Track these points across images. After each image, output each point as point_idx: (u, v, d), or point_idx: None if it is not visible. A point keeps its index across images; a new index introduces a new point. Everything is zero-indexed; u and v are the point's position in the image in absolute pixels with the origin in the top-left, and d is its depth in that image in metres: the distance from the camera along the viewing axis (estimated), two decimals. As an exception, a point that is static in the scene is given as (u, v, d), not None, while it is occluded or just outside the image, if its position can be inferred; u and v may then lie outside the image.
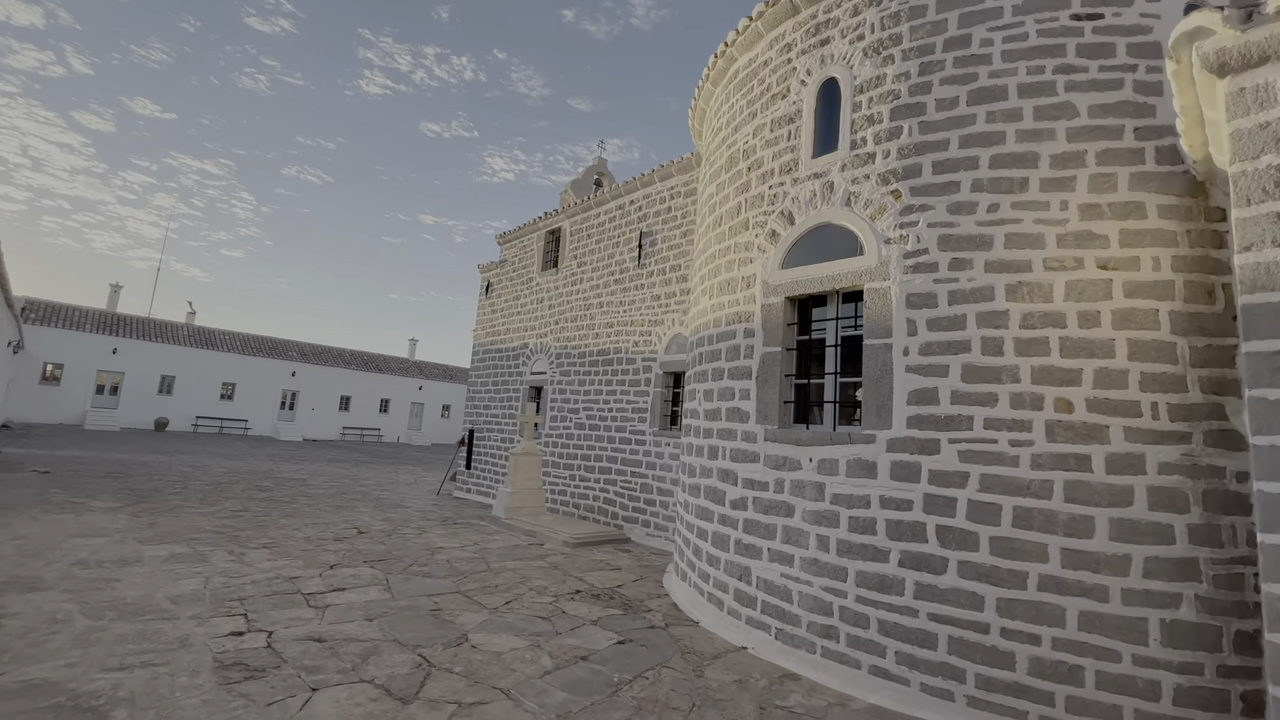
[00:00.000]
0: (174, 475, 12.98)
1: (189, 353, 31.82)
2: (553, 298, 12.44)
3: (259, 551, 6.75)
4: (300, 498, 11.39)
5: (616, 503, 9.85)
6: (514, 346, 13.33)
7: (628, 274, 10.61)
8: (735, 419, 5.48)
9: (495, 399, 13.60)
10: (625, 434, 9.95)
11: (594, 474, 10.42)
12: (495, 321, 14.23)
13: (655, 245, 10.14)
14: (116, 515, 8.19)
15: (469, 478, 13.87)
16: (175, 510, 8.91)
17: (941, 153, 4.43)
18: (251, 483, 12.93)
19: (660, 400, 9.50)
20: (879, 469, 4.32)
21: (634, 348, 10.14)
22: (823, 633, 4.41)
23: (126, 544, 6.62)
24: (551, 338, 12.20)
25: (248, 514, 9.10)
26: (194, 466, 15.10)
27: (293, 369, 35.48)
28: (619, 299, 10.68)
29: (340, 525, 8.80)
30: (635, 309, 10.28)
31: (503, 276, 14.30)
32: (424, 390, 41.82)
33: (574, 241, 12.14)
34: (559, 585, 6.28)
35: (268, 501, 10.49)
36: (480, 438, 13.79)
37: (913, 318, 4.35)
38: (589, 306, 11.37)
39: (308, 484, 13.63)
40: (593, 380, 10.88)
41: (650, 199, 10.46)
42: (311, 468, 17.62)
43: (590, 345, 11.12)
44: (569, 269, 12.12)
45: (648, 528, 9.20)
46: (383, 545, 7.62)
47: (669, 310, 9.64)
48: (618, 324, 10.59)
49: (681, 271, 9.54)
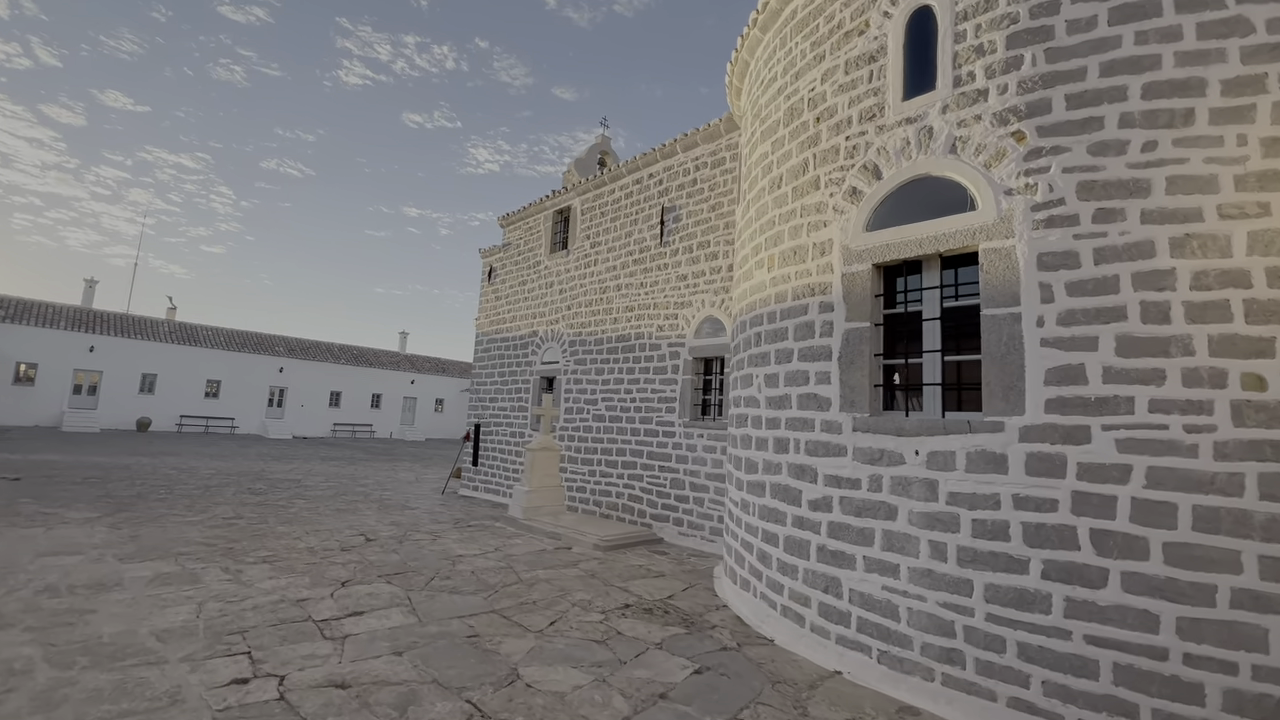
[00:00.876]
0: (158, 479, 12.07)
1: (171, 349, 30.58)
2: (564, 281, 11.63)
3: (258, 567, 5.96)
4: (297, 500, 10.56)
5: (643, 500, 9.14)
6: (522, 335, 12.52)
7: (649, 253, 9.83)
8: (811, 406, 4.76)
9: (503, 391, 12.80)
10: (651, 426, 9.22)
11: (616, 469, 9.69)
12: (500, 309, 13.39)
13: (680, 221, 9.35)
14: (94, 527, 7.34)
15: (475, 475, 13.09)
16: (160, 520, 8.06)
17: (1077, 83, 3.70)
18: (243, 485, 12.06)
19: (690, 388, 8.76)
20: (1010, 462, 3.62)
21: (658, 332, 9.39)
22: (943, 657, 3.73)
23: (104, 563, 5.79)
24: (564, 324, 11.40)
25: (242, 521, 8.27)
26: (180, 469, 14.17)
27: (280, 365, 34.32)
28: (639, 280, 9.90)
29: (345, 532, 8.01)
30: (659, 290, 9.51)
31: (507, 260, 13.44)
32: (416, 384, 40.80)
33: (586, 220, 11.32)
34: (604, 598, 5.56)
35: (262, 506, 9.65)
36: (487, 432, 13.00)
37: (1047, 281, 3.64)
38: (605, 289, 10.58)
39: (303, 485, 12.78)
40: (612, 369, 10.12)
41: (672, 171, 9.66)
42: (305, 467, 16.74)
43: (608, 331, 10.34)
44: (581, 250, 11.31)
45: (680, 526, 8.50)
46: (396, 555, 6.85)
47: (697, 290, 8.88)
48: (639, 307, 9.82)
49: (711, 248, 8.77)
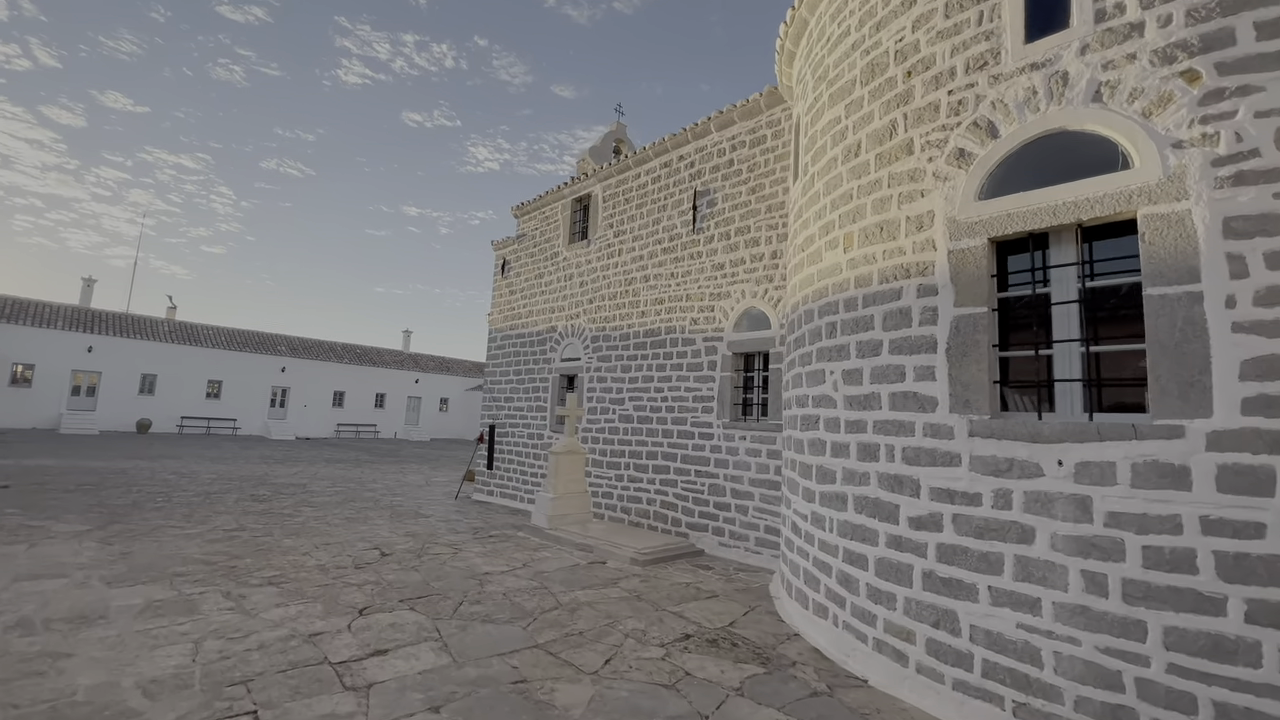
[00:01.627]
0: (156, 485, 11.41)
1: (171, 349, 29.93)
2: (584, 273, 10.93)
3: (264, 591, 5.28)
4: (304, 508, 9.89)
5: (678, 507, 8.45)
6: (539, 331, 11.82)
7: (679, 241, 9.13)
8: (909, 407, 4.07)
9: (519, 390, 12.11)
10: (686, 427, 8.53)
11: (647, 474, 9.01)
12: (515, 303, 12.69)
13: (714, 206, 8.65)
14: (82, 543, 6.67)
15: (490, 479, 12.41)
16: (156, 532, 7.39)
17: (1269, 8, 3.00)
18: (245, 491, 11.39)
19: (730, 386, 8.07)
20: (1193, 476, 2.93)
21: (692, 326, 8.69)
22: (1107, 715, 3.04)
23: (90, 587, 5.12)
24: (585, 319, 10.71)
25: (244, 534, 7.59)
26: (179, 473, 13.50)
27: (282, 364, 33.68)
28: (670, 271, 9.21)
29: (357, 545, 7.33)
30: (692, 281, 8.82)
31: (521, 253, 12.75)
32: (420, 384, 40.16)
33: (609, 208, 10.62)
34: (659, 627, 4.87)
35: (266, 515, 8.98)
36: (503, 434, 12.32)
37: (1239, 252, 2.95)
38: (631, 281, 9.88)
39: (309, 490, 12.11)
40: (641, 366, 9.42)
41: (705, 152, 8.96)
42: (310, 470, 16.08)
43: (635, 325, 9.65)
44: (603, 239, 10.61)
45: (721, 536, 7.82)
46: (417, 573, 6.17)
47: (736, 280, 8.18)
48: (670, 299, 9.12)
49: (751, 234, 8.07)
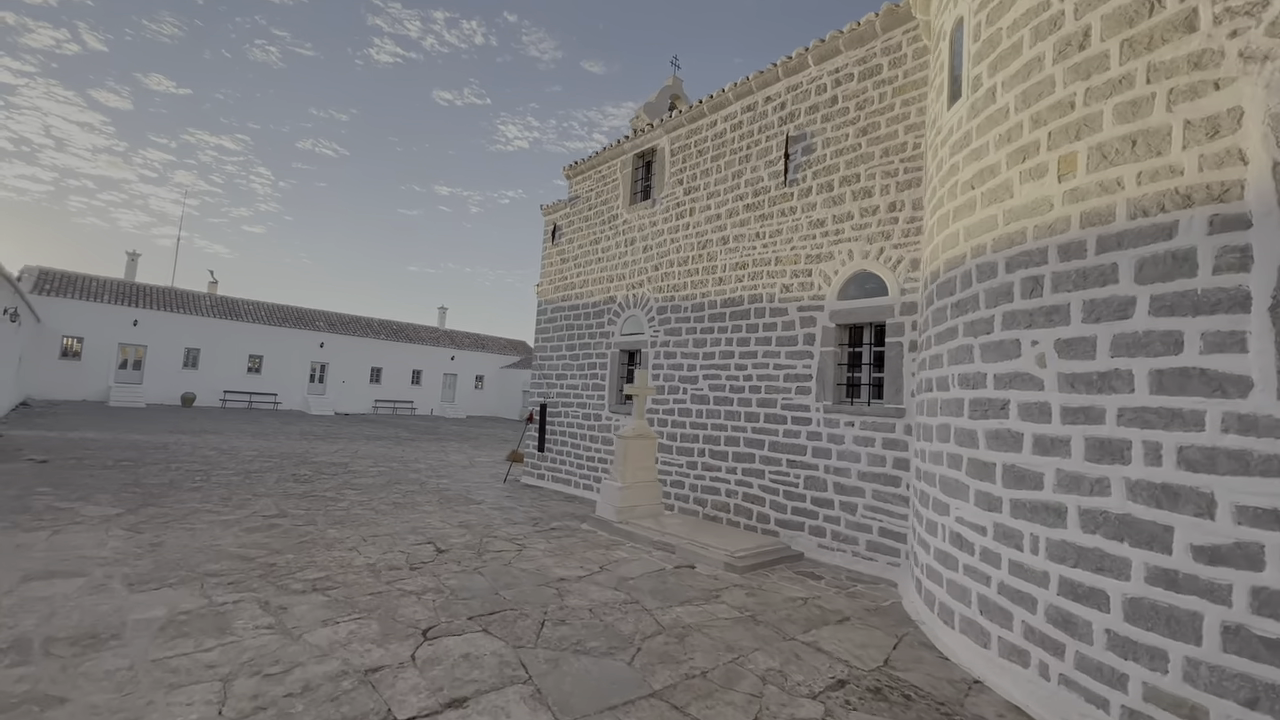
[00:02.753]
0: (196, 462, 10.86)
1: (213, 324, 29.97)
2: (648, 237, 9.80)
3: (307, 601, 4.42)
4: (347, 490, 9.15)
5: (766, 501, 7.39)
6: (595, 301, 10.78)
7: (766, 196, 7.91)
8: (1194, 390, 2.88)
9: (572, 366, 11.14)
10: (775, 410, 7.41)
11: (726, 461, 7.95)
12: (567, 272, 11.66)
13: (812, 153, 7.39)
14: (109, 530, 5.95)
15: (541, 461, 11.54)
16: (191, 517, 6.67)
17: None
18: (286, 470, 10.76)
19: (832, 363, 6.90)
20: None
21: (784, 294, 7.52)
22: None
23: (108, 591, 4.33)
24: (650, 287, 9.61)
25: (285, 521, 6.83)
26: (220, 450, 13.02)
27: (321, 340, 33.58)
28: (754, 230, 8.01)
29: (409, 538, 6.48)
30: (783, 242, 7.61)
31: (574, 217, 11.67)
32: (456, 360, 39.81)
33: (678, 162, 9.42)
34: (798, 666, 3.83)
35: (308, 499, 8.24)
36: (554, 414, 11.40)
37: None
38: (705, 244, 8.72)
39: (351, 470, 11.44)
40: (718, 340, 8.31)
41: (800, 91, 7.67)
42: (350, 448, 15.53)
43: (711, 294, 8.51)
44: (672, 198, 9.44)
45: (821, 537, 6.73)
46: (481, 576, 5.26)
47: (841, 239, 6.96)
48: (755, 263, 7.95)
49: (861, 184, 6.82)
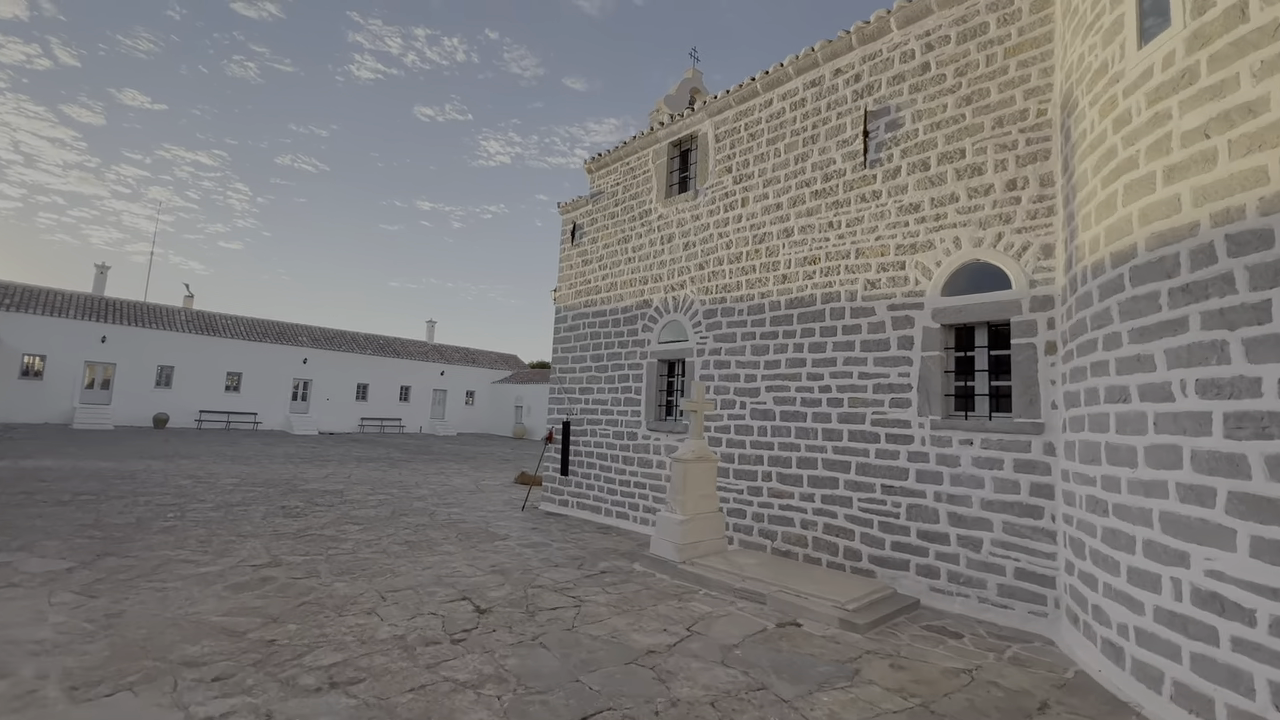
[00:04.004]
0: (168, 493, 9.45)
1: (189, 339, 28.25)
2: (690, 232, 8.73)
3: (328, 707, 3.18)
4: (348, 526, 7.85)
5: (855, 534, 6.27)
6: (627, 306, 9.66)
7: (840, 180, 6.90)
8: None
9: (599, 379, 9.97)
10: (864, 426, 6.33)
11: (800, 487, 6.83)
12: (590, 275, 10.54)
13: (900, 127, 6.40)
14: (54, 595, 4.64)
15: (564, 485, 10.31)
16: (161, 571, 5.35)
17: None
18: (274, 502, 9.39)
19: (938, 371, 5.85)
20: None
21: (868, 290, 6.47)
22: None
23: (40, 706, 3.05)
24: (694, 288, 8.52)
25: (280, 573, 5.54)
26: (196, 478, 11.57)
27: (304, 355, 31.94)
28: (826, 220, 6.98)
29: (437, 592, 5.24)
30: (865, 231, 6.59)
31: (598, 214, 10.57)
32: (446, 376, 38.30)
33: (724, 148, 8.40)
34: (1048, 800, 2.70)
35: (304, 539, 6.94)
36: (579, 432, 10.20)
37: None
38: (763, 237, 7.67)
39: (348, 499, 10.10)
40: (783, 346, 7.23)
41: (879, 60, 6.70)
42: (342, 472, 14.11)
43: (773, 293, 7.45)
44: (718, 188, 8.39)
45: (934, 578, 5.62)
46: (546, 651, 4.05)
47: (942, 225, 5.94)
48: (828, 257, 6.91)
49: (968, 160, 5.82)
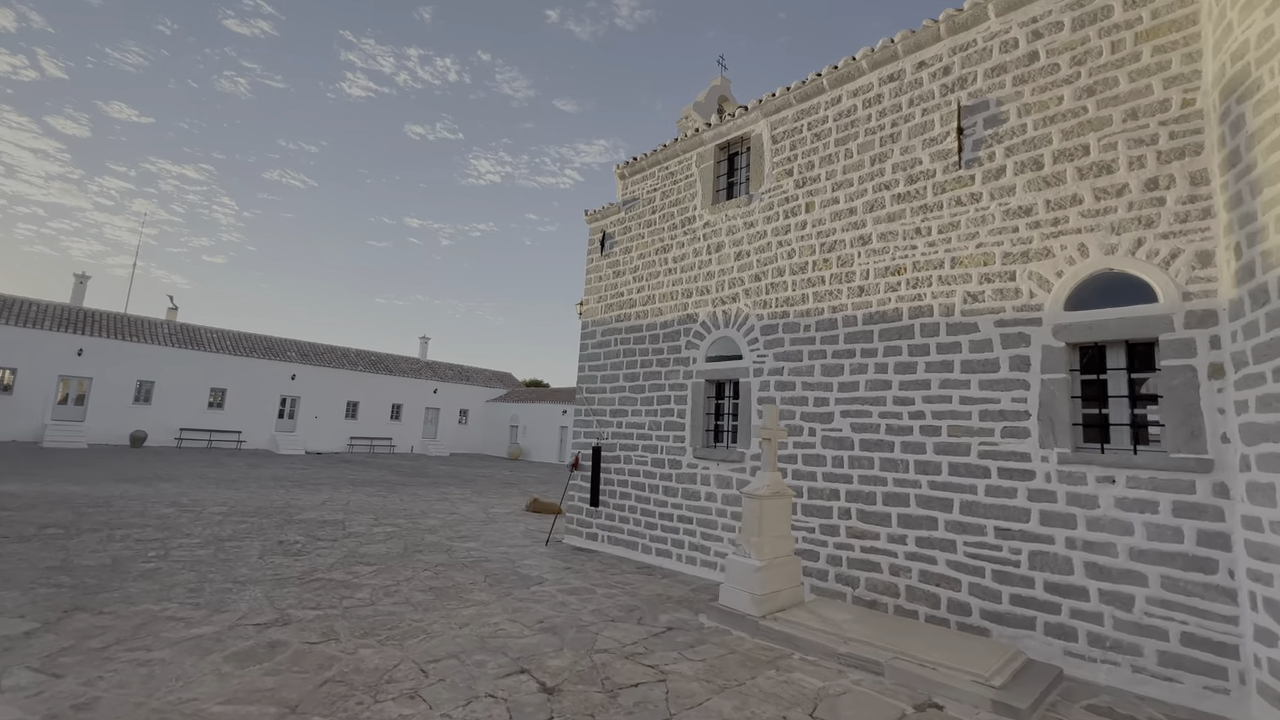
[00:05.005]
0: (149, 525, 8.35)
1: (170, 353, 26.92)
2: (741, 241, 7.99)
3: None
4: (359, 567, 6.86)
5: (962, 584, 5.42)
6: (667, 321, 8.85)
7: (930, 182, 6.20)
8: None
9: (635, 400, 9.11)
10: (969, 459, 5.53)
11: (887, 526, 5.99)
12: (623, 287, 9.73)
13: (1003, 123, 5.73)
14: (6, 673, 3.64)
15: (592, 517, 9.37)
16: (143, 633, 4.36)
17: None
18: (269, 535, 8.35)
19: (1064, 396, 5.08)
20: None
21: (969, 305, 5.73)
22: None
23: None
24: (748, 302, 7.75)
25: (291, 635, 4.56)
26: (179, 505, 10.44)
27: (292, 371, 30.66)
28: (912, 226, 6.27)
29: (487, 662, 4.29)
30: (963, 238, 5.87)
31: (631, 222, 9.81)
32: (439, 394, 37.12)
33: (782, 150, 7.71)
34: None
35: (313, 584, 5.94)
36: (610, 459, 9.29)
37: None
38: (834, 245, 6.93)
39: (351, 532, 9.06)
40: (862, 366, 6.45)
41: (974, 51, 6.06)
42: (338, 497, 13.01)
43: (847, 307, 6.69)
44: (776, 193, 7.68)
45: (1069, 640, 4.77)
46: (654, 757, 3.15)
47: (1062, 230, 5.24)
48: (916, 267, 6.17)
49: (1094, 156, 5.14)
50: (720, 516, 7.57)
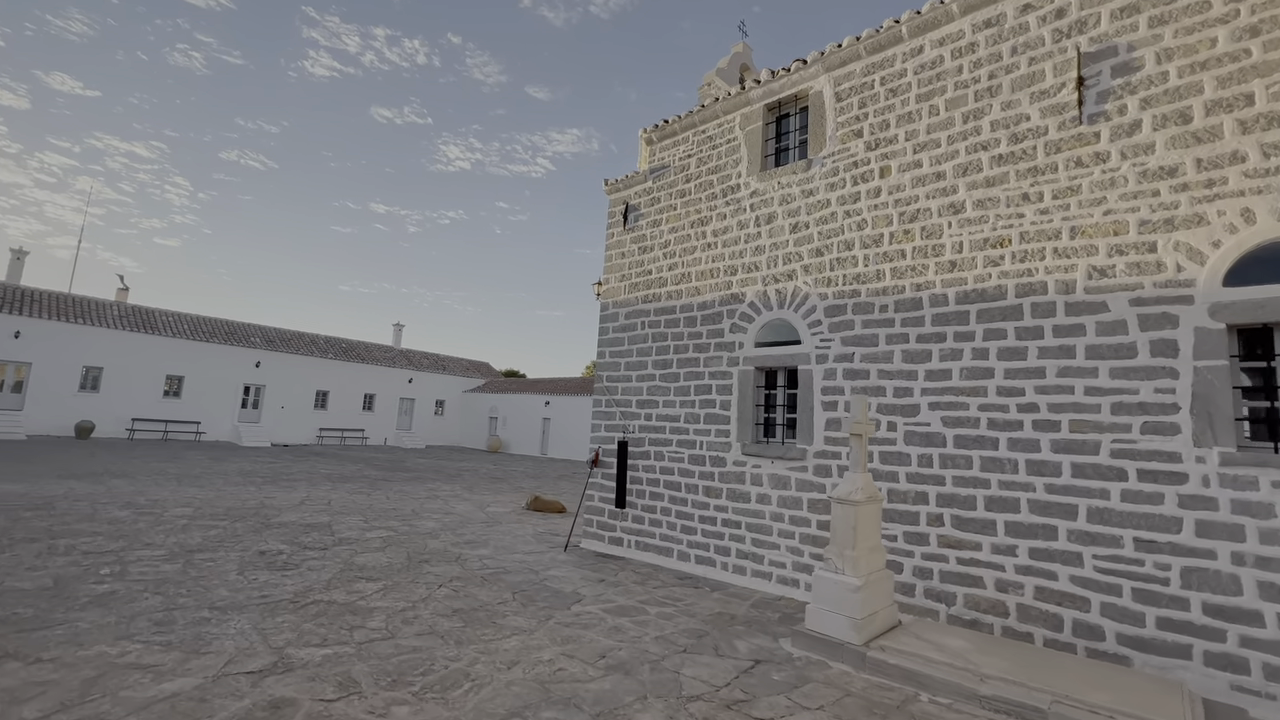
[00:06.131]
0: (100, 533, 7.06)
1: (121, 338, 24.81)
2: (799, 211, 7.10)
3: None
4: (361, 583, 5.78)
5: (1091, 603, 4.67)
6: (706, 302, 7.92)
7: (1041, 141, 5.40)
8: None
9: (668, 390, 8.17)
10: (1097, 458, 4.77)
11: (992, 535, 5.21)
12: (651, 264, 8.75)
13: (1137, 71, 4.95)
14: (-107, 775, 2.53)
15: (615, 519, 8.43)
16: (95, 692, 3.25)
17: None
18: (247, 544, 7.16)
19: (1223, 387, 4.35)
20: None
21: (1095, 281, 4.96)
22: None
23: None
24: (808, 279, 6.87)
25: (298, 690, 3.51)
26: (135, 506, 9.09)
27: (257, 358, 28.73)
28: (1019, 191, 5.46)
29: None
30: (1086, 204, 5.09)
31: (660, 192, 8.83)
32: (415, 384, 35.49)
33: (849, 109, 6.83)
34: None
35: (310, 610, 4.85)
36: (639, 454, 8.34)
37: None
38: (917, 215, 6.10)
39: (340, 536, 7.92)
40: (954, 351, 5.64)
41: (1095, -12, 5.26)
42: (318, 494, 11.74)
43: (934, 284, 5.86)
44: (842, 157, 6.80)
45: (1239, 673, 4.06)
46: None
47: (1221, 192, 4.49)
48: (1024, 237, 5.38)
49: (1259, 107, 4.40)
50: (776, 521, 6.72)
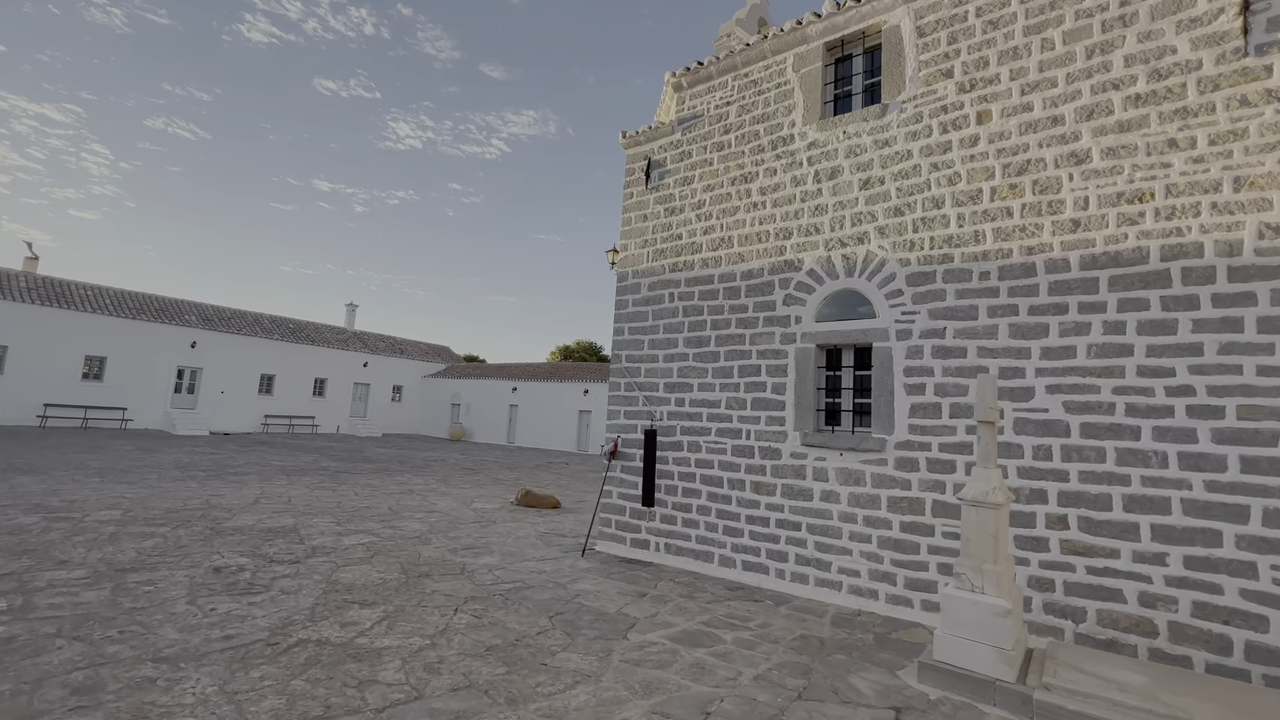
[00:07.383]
0: (1, 548, 5.51)
1: (31, 312, 21.85)
2: (871, 165, 6.13)
3: None
4: (354, 609, 4.53)
5: (1270, 623, 3.94)
6: (752, 270, 6.88)
7: (1192, 76, 4.58)
8: None
9: (704, 372, 7.11)
10: (1276, 450, 4.02)
11: (1132, 541, 4.42)
12: (681, 228, 7.64)
13: (1322, -9, 4.17)
14: None
15: (640, 519, 7.37)
16: None
17: None
18: (196, 557, 5.73)
19: None
20: None
21: (1267, 241, 4.18)
22: None
23: None
24: (882, 242, 5.93)
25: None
26: (48, 511, 7.42)
27: (192, 338, 26.05)
28: (1163, 136, 4.64)
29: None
30: (1251, 150, 4.30)
31: (692, 145, 7.71)
32: (370, 368, 33.24)
33: (934, 45, 5.88)
34: None
35: (295, 662, 3.61)
36: (669, 445, 7.28)
37: None
38: (1026, 166, 5.22)
39: (312, 544, 6.57)
40: (1079, 325, 4.81)
41: (1263, -104, 4.44)
42: (274, 491, 10.18)
43: (1051, 246, 5.01)
44: (926, 101, 5.85)
45: None
46: None
47: None
48: (1172, 191, 4.56)
49: None
50: (846, 523, 5.80)
